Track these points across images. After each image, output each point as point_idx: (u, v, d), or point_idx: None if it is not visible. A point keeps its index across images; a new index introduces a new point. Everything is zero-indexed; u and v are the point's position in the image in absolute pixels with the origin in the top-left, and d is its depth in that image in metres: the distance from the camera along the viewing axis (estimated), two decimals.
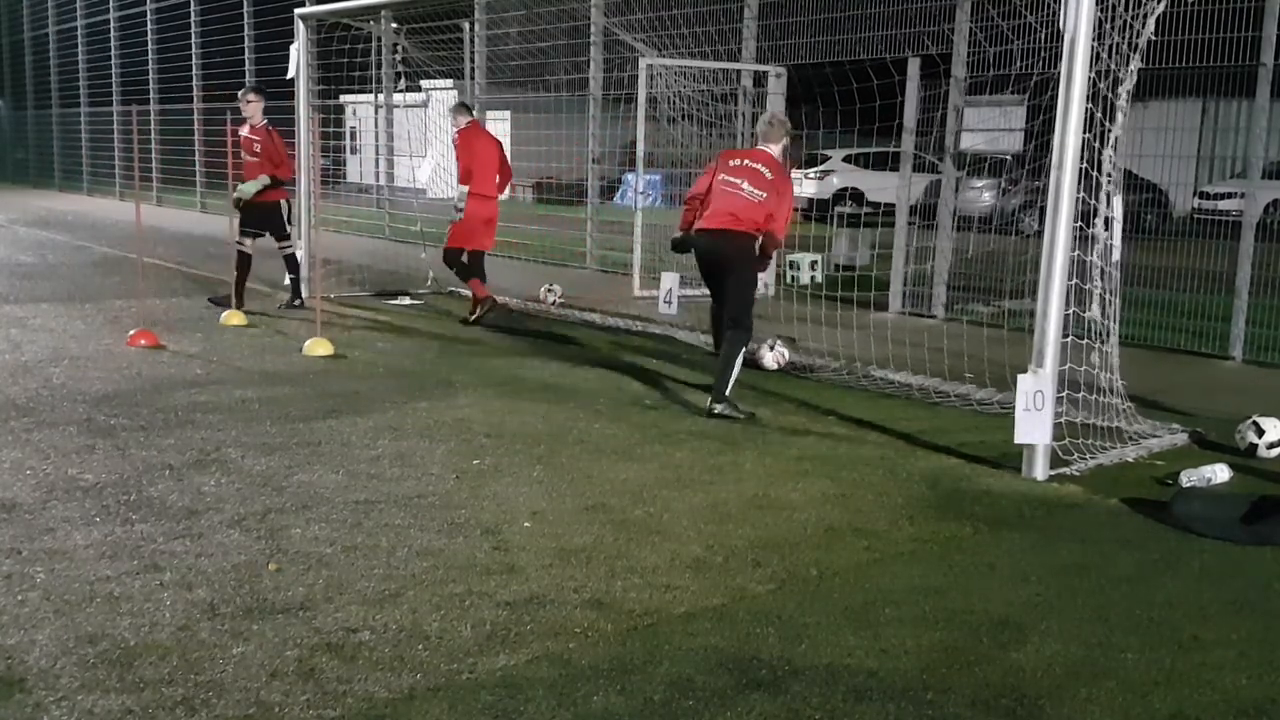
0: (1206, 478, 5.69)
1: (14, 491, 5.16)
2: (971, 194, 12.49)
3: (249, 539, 4.64)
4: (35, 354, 8.35)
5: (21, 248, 16.51)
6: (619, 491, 5.39)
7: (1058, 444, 5.80)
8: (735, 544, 4.73)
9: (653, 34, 12.50)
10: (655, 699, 3.39)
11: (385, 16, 15.02)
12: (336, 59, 14.14)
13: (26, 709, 3.25)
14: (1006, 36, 9.29)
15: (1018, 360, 6.16)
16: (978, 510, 5.30)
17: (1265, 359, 9.02)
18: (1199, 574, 4.55)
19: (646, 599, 4.13)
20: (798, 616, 4.01)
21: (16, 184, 34.12)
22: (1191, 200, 12.55)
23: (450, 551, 4.56)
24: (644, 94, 11.14)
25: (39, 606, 3.93)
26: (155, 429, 6.31)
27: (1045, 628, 3.98)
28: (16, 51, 35.74)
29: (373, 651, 3.65)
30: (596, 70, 14.59)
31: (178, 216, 22.40)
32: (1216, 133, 11.87)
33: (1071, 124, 5.55)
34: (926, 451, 6.26)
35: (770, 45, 12.27)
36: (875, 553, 4.70)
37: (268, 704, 3.30)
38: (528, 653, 3.67)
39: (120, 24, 27.53)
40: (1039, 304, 5.73)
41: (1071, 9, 5.47)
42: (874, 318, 10.70)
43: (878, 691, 3.47)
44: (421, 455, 5.93)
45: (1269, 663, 3.75)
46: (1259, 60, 8.79)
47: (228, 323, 9.88)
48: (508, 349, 9.18)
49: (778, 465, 5.94)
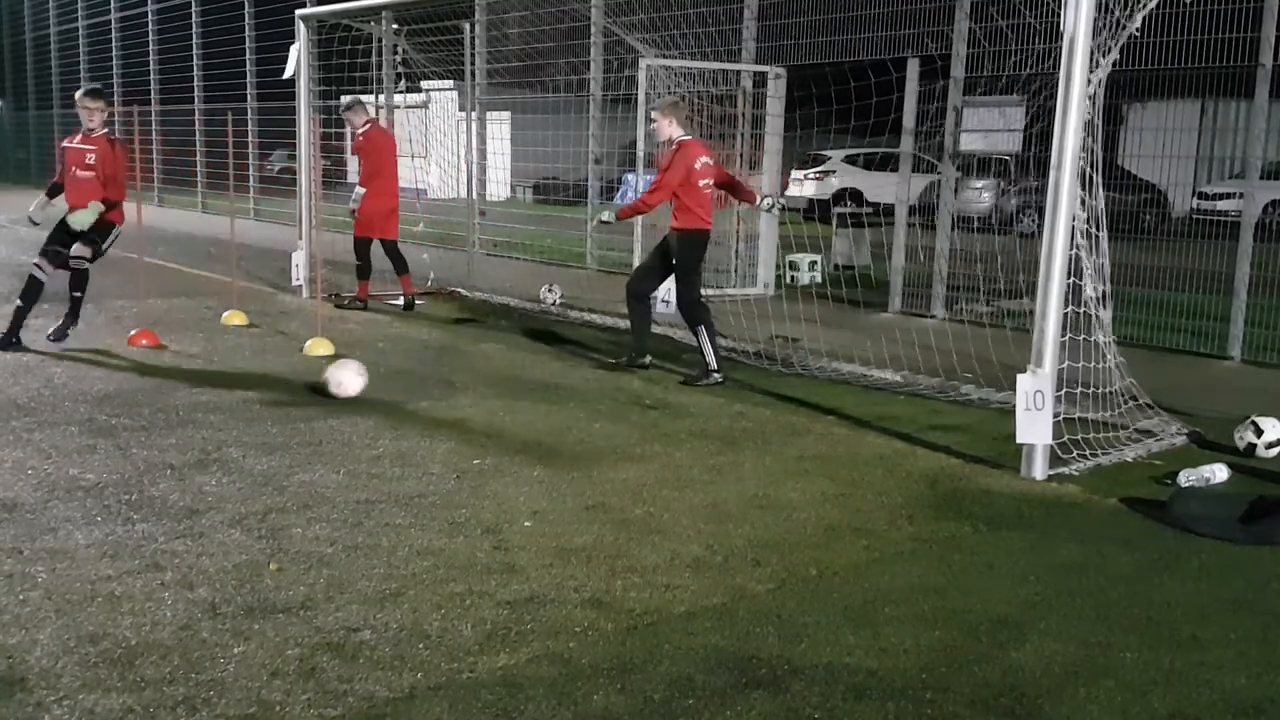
0: (1205, 477, 5.70)
1: (15, 491, 5.17)
2: (970, 194, 12.50)
3: (250, 538, 4.65)
4: (36, 353, 8.36)
5: (22, 248, 16.49)
6: (619, 491, 5.40)
7: (1056, 443, 5.81)
8: (735, 544, 4.74)
9: (653, 34, 12.51)
10: (655, 698, 3.40)
11: (386, 17, 15.03)
12: (337, 60, 14.15)
13: (28, 708, 3.26)
14: (1006, 37, 9.30)
15: (1017, 360, 6.17)
16: (977, 510, 5.31)
17: (1264, 359, 9.03)
18: (1198, 573, 4.56)
19: (646, 598, 4.14)
20: (797, 616, 4.02)
21: (18, 184, 34.11)
22: (1190, 200, 12.55)
23: (451, 551, 4.57)
24: (644, 94, 11.14)
25: (40, 606, 3.94)
26: (156, 429, 6.32)
27: (1044, 627, 3.99)
28: (18, 52, 35.76)
29: (373, 651, 3.66)
30: (596, 70, 14.60)
31: (178, 217, 22.40)
32: (1215, 133, 11.88)
33: (1071, 124, 5.56)
34: (926, 451, 6.27)
35: (770, 46, 12.28)
36: (875, 552, 4.71)
37: (269, 703, 3.31)
38: (528, 652, 3.68)
39: (121, 24, 27.54)
40: (1038, 304, 5.74)
41: (1071, 9, 5.48)
42: (874, 318, 10.71)
43: (877, 690, 3.48)
44: (422, 455, 5.94)
45: (1268, 662, 3.75)
46: (1258, 61, 8.79)
47: (228, 323, 9.89)
48: (508, 349, 9.19)
49: (778, 465, 5.95)
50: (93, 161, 8.64)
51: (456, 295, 12.15)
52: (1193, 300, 9.80)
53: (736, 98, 12.38)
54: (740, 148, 12.49)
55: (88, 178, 8.64)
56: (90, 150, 8.67)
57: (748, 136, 12.50)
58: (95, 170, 8.63)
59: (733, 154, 12.56)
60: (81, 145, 8.73)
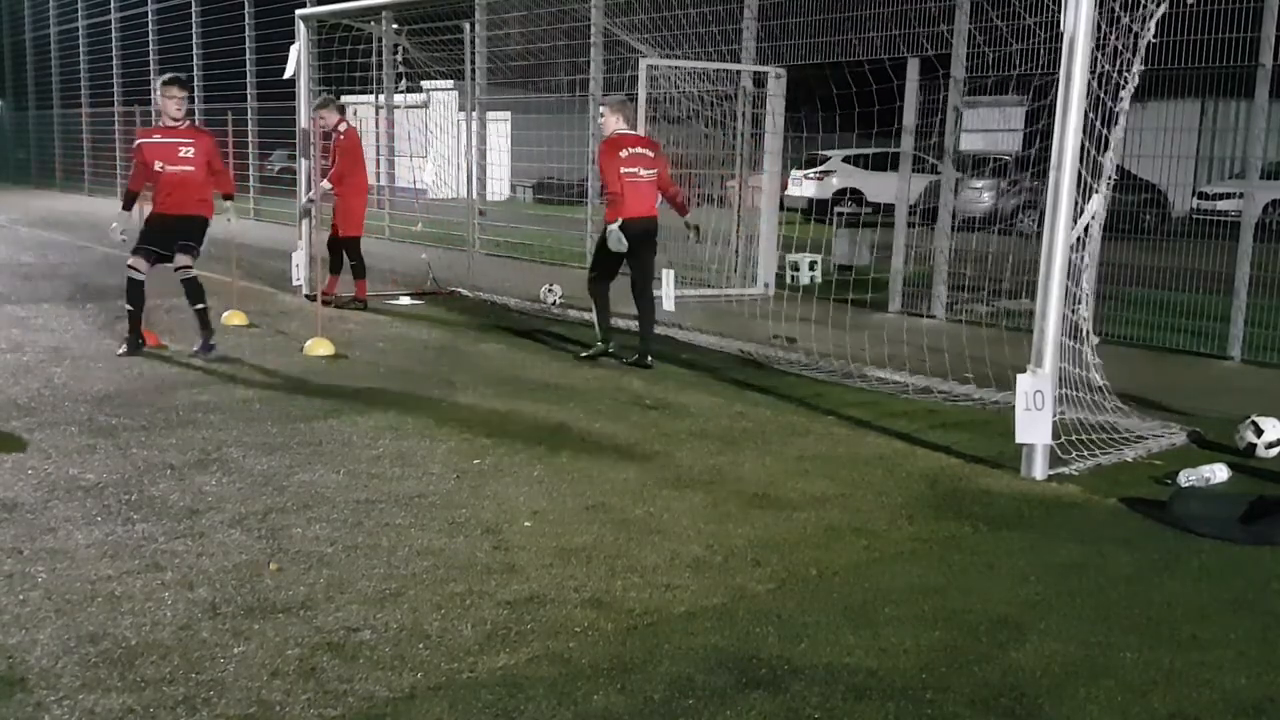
0: (1205, 477, 5.70)
1: (15, 491, 5.17)
2: (970, 194, 12.50)
3: (250, 538, 4.65)
4: (36, 354, 8.37)
5: (23, 248, 16.52)
6: (619, 491, 5.40)
7: (1056, 443, 5.81)
8: (735, 544, 4.74)
9: (653, 34, 12.51)
10: (655, 698, 3.40)
11: (386, 17, 15.04)
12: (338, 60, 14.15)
13: (28, 708, 3.26)
14: (1005, 38, 9.30)
15: (1017, 360, 6.17)
16: (977, 510, 5.31)
17: (1264, 359, 9.03)
18: (1198, 574, 4.56)
19: (646, 598, 4.14)
20: (797, 616, 4.02)
21: (18, 184, 34.13)
22: (1190, 200, 12.55)
23: (451, 551, 4.57)
24: (644, 94, 11.14)
25: (40, 606, 3.94)
26: (156, 429, 6.32)
27: (1044, 627, 3.99)
28: (18, 52, 35.77)
29: (373, 651, 3.66)
30: (596, 70, 14.60)
31: None
32: (1215, 133, 11.88)
33: (1070, 125, 5.56)
34: (926, 451, 6.27)
35: (770, 46, 12.28)
36: (875, 552, 4.71)
37: (269, 703, 3.31)
38: (528, 652, 3.68)
39: (121, 24, 27.56)
40: (1038, 304, 5.74)
41: (1071, 9, 5.48)
42: (874, 318, 10.71)
43: (877, 690, 3.48)
44: (422, 455, 5.94)
45: (1268, 662, 3.75)
46: (1258, 61, 8.79)
47: (228, 323, 9.89)
48: (508, 349, 9.19)
49: (778, 465, 5.95)
50: (191, 155, 8.24)
51: (456, 295, 12.15)
52: (1193, 300, 9.80)
53: (736, 98, 12.38)
54: (740, 148, 12.50)
55: (186, 173, 8.24)
56: (185, 143, 8.25)
57: (748, 136, 12.50)
58: (194, 164, 8.24)
59: (732, 154, 12.57)
60: (170, 139, 8.26)
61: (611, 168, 8.25)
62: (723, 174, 13.00)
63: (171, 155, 8.26)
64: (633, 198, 8.29)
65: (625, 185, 8.26)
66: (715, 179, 13.12)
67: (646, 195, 8.41)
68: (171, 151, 8.27)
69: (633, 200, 8.28)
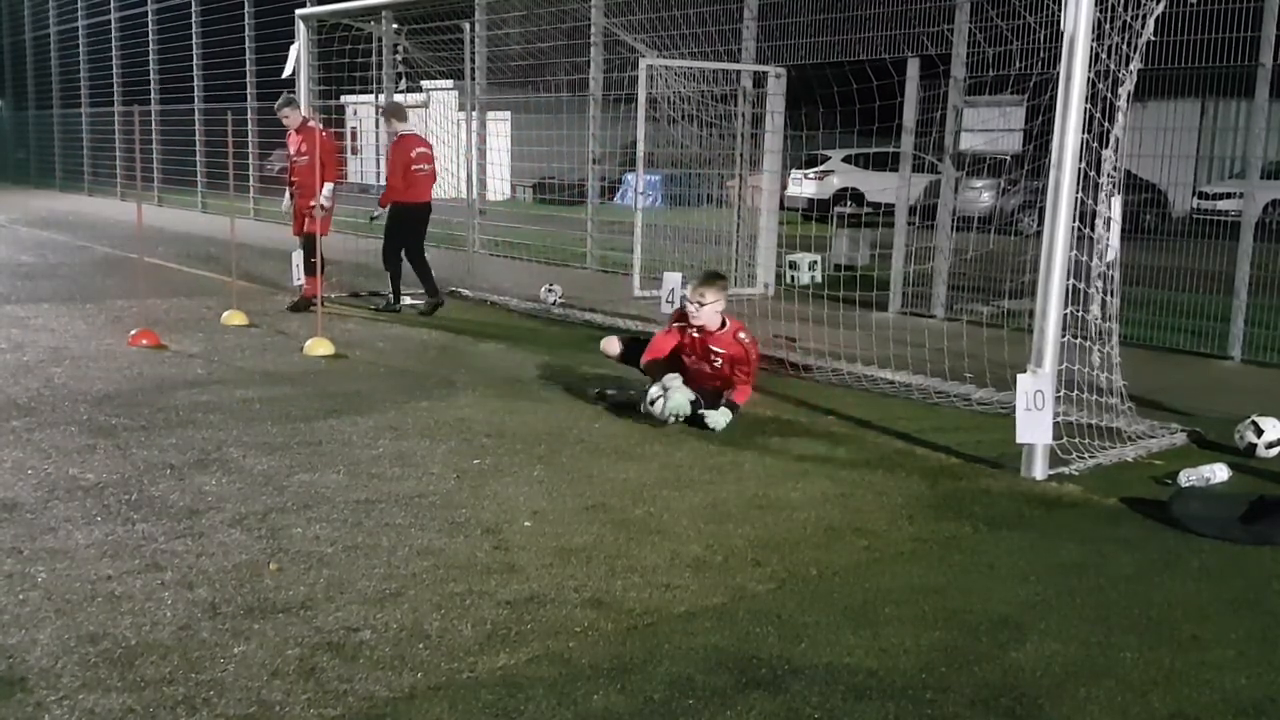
0: (1205, 477, 5.70)
1: (15, 491, 5.17)
2: (971, 194, 12.49)
3: (250, 538, 4.65)
4: (36, 354, 8.36)
5: (23, 248, 16.52)
6: (619, 491, 5.40)
7: (1056, 443, 5.81)
8: (735, 544, 4.74)
9: (653, 34, 12.50)
10: (655, 698, 3.40)
11: (386, 17, 15.03)
12: (338, 59, 14.15)
13: (28, 708, 3.26)
14: (1006, 37, 9.29)
15: (1017, 360, 6.17)
16: (977, 510, 5.31)
17: (1264, 359, 9.02)
18: (1198, 574, 4.56)
19: (646, 598, 4.14)
20: (797, 616, 4.02)
21: (18, 184, 34.13)
22: (1190, 200, 12.54)
23: (451, 551, 4.57)
24: (644, 94, 11.14)
25: (40, 606, 3.94)
26: (156, 428, 6.32)
27: (1044, 627, 3.99)
28: (18, 52, 35.76)
29: (373, 650, 3.66)
30: (596, 70, 14.59)
31: (178, 217, 22.41)
32: (1215, 133, 11.87)
33: (1071, 124, 5.56)
34: (926, 451, 6.27)
35: (770, 46, 12.27)
36: (875, 552, 4.71)
37: (269, 703, 3.31)
38: (528, 652, 3.68)
39: (121, 24, 27.54)
40: (1038, 304, 5.74)
41: (1071, 9, 5.48)
42: (874, 318, 10.70)
43: (877, 691, 3.48)
44: (422, 455, 5.94)
45: (1268, 662, 3.76)
46: (1258, 60, 8.79)
47: (228, 323, 9.89)
48: (508, 349, 9.19)
49: (778, 465, 5.95)
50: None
51: (456, 295, 12.14)
52: (1193, 300, 9.79)
53: (736, 98, 12.38)
54: (740, 147, 12.49)
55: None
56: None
57: (748, 136, 12.49)
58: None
59: (732, 154, 12.57)
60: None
61: (403, 162, 10.76)
62: (723, 174, 13.00)
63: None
64: (418, 189, 10.90)
65: (413, 177, 10.86)
66: (715, 179, 13.12)
67: (421, 188, 10.89)
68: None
69: (416, 190, 10.87)
